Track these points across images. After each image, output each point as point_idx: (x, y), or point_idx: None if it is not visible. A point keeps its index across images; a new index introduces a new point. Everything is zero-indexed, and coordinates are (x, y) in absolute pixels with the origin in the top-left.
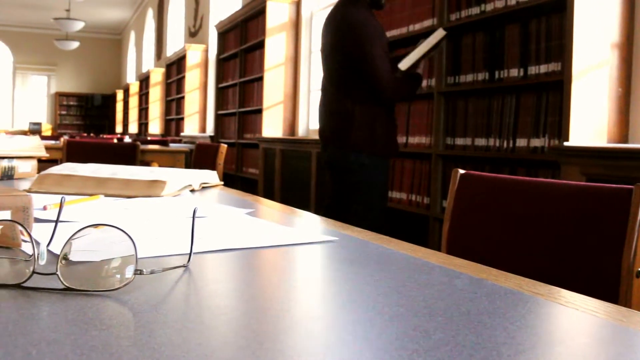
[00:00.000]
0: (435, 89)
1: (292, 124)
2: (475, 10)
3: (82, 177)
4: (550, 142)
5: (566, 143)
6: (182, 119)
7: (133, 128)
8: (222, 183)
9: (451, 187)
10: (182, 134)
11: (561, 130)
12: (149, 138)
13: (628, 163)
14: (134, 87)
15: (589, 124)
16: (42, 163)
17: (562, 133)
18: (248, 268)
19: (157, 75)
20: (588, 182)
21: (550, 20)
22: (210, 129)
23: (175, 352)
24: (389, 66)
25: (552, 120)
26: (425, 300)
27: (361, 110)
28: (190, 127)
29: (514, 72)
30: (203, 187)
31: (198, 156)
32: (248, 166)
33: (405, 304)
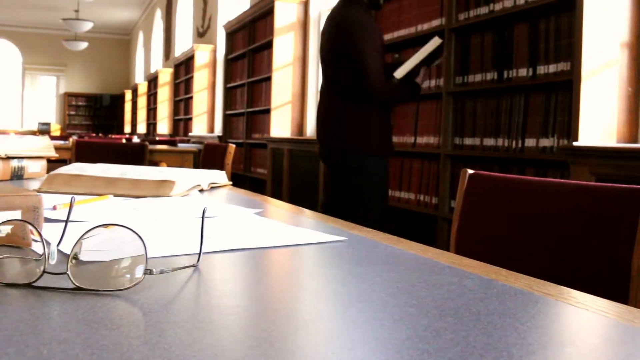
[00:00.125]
0: (443, 89)
1: (300, 124)
2: (483, 9)
3: (92, 177)
4: (559, 142)
5: (575, 143)
6: (191, 119)
7: (141, 128)
8: (231, 183)
9: (460, 187)
10: (191, 134)
11: (570, 130)
12: (158, 138)
13: (638, 163)
14: (143, 88)
15: (599, 124)
16: (52, 163)
17: (572, 133)
18: (257, 268)
19: (166, 75)
20: (597, 182)
21: (559, 19)
22: (218, 129)
23: (185, 352)
24: (379, 66)
25: (562, 120)
26: (435, 300)
27: (354, 110)
28: (198, 127)
29: (523, 72)
30: (212, 187)
31: (206, 156)
32: (256, 166)
33: (415, 304)
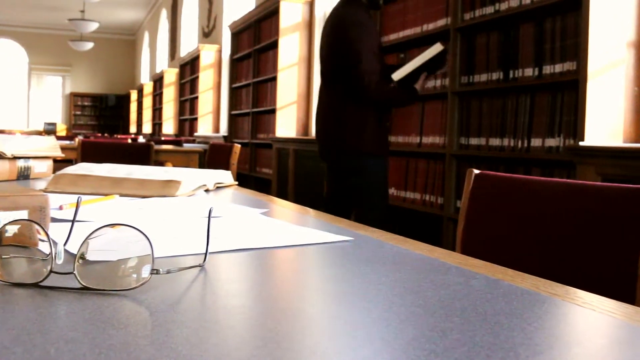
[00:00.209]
0: (449, 89)
1: (306, 124)
2: (489, 9)
3: (98, 177)
4: (565, 142)
5: (582, 143)
6: (196, 119)
7: (147, 128)
8: (237, 183)
9: (466, 187)
10: (196, 134)
11: (576, 130)
12: (163, 138)
13: None
14: (148, 88)
15: (605, 124)
16: (57, 163)
17: (578, 133)
18: (263, 268)
19: (171, 75)
20: (604, 183)
21: (565, 19)
22: (223, 129)
23: (192, 352)
24: (375, 67)
25: (567, 119)
26: (441, 300)
27: (350, 110)
28: (203, 127)
29: (529, 72)
30: (217, 187)
31: (212, 156)
32: (261, 166)
33: (421, 304)
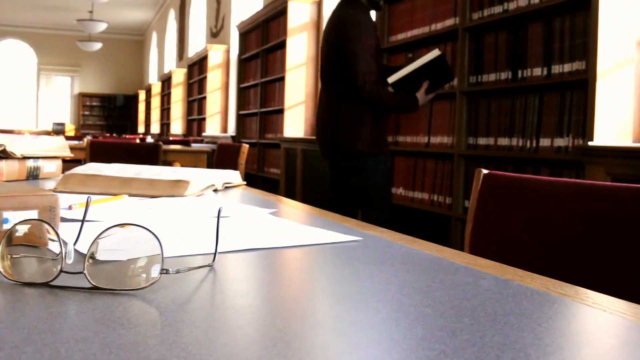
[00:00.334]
0: (457, 89)
1: (314, 124)
2: (497, 9)
3: (107, 177)
4: (574, 142)
5: (591, 143)
6: (204, 119)
7: (155, 128)
8: (245, 183)
9: (474, 187)
10: (204, 134)
11: (585, 129)
12: (171, 138)
13: None
14: (156, 88)
15: (614, 124)
16: (66, 163)
17: (587, 133)
18: (272, 268)
19: (179, 75)
20: (613, 182)
21: (574, 18)
22: (231, 129)
23: (201, 352)
24: (371, 68)
25: (577, 119)
26: (451, 300)
27: (348, 110)
28: (212, 127)
29: (537, 71)
30: (226, 187)
31: (220, 156)
32: (269, 166)
33: (430, 305)
